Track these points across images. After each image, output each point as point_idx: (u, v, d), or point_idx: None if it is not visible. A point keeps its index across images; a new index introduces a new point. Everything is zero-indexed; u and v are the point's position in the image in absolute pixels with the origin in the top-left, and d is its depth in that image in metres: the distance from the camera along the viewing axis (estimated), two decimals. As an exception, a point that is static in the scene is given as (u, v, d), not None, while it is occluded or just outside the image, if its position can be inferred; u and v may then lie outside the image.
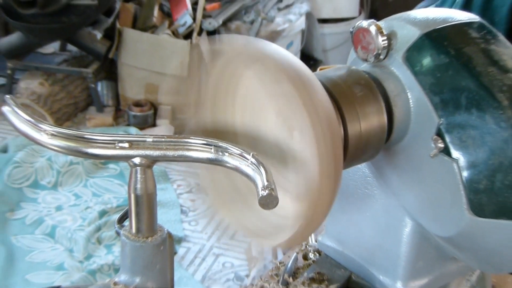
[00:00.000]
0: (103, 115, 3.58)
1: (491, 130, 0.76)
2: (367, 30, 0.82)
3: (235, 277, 2.60)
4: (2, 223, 2.73)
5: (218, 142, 0.67)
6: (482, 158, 0.76)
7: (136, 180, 0.67)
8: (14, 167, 2.96)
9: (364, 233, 0.94)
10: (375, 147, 0.82)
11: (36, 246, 2.64)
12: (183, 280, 2.50)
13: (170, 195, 3.00)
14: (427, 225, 0.85)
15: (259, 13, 3.79)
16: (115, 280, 0.71)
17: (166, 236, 0.71)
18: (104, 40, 3.56)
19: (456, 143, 0.78)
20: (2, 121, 3.43)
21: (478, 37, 0.81)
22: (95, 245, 2.65)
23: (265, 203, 0.62)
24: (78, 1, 3.33)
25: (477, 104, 0.77)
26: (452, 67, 0.78)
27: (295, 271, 1.03)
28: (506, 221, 0.78)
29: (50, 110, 3.48)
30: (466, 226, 0.79)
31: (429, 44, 0.80)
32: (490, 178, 0.76)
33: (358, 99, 0.79)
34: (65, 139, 0.66)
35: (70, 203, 2.91)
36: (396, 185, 0.86)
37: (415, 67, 0.80)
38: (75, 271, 2.48)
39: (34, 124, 0.67)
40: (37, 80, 3.49)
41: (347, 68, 0.84)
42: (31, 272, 2.50)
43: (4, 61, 3.58)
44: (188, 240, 2.79)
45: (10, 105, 0.69)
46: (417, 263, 0.90)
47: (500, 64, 0.79)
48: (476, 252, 0.84)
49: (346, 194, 0.94)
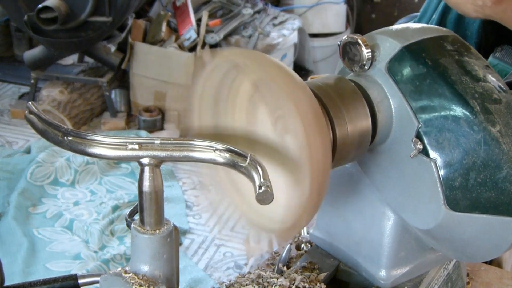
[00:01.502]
0: (116, 120, 3.58)
1: (465, 133, 0.75)
2: (353, 43, 0.81)
3: (235, 266, 2.59)
4: (25, 217, 2.72)
5: (219, 144, 0.66)
6: (457, 158, 0.76)
7: (146, 178, 0.67)
8: (36, 167, 2.96)
9: (351, 226, 0.93)
10: (360, 148, 0.82)
11: (56, 238, 2.64)
12: (187, 268, 2.50)
13: (176, 192, 3.00)
14: (408, 218, 0.84)
15: (256, 29, 3.79)
16: (126, 269, 0.71)
17: (172, 228, 0.70)
18: (117, 53, 3.57)
19: (433, 144, 0.77)
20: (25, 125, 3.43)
21: (452, 49, 0.81)
22: (109, 236, 2.64)
23: (261, 199, 0.62)
24: (95, 18, 3.33)
25: (452, 110, 0.76)
26: (430, 76, 0.78)
27: (289, 260, 1.02)
28: (479, 215, 0.77)
29: (69, 115, 3.48)
30: (443, 219, 0.79)
31: (409, 55, 0.80)
32: (465, 176, 0.76)
33: (345, 105, 0.79)
34: (81, 141, 0.66)
35: (86, 199, 2.91)
36: (380, 182, 0.86)
37: (396, 76, 0.80)
38: (90, 260, 2.48)
39: (54, 127, 0.67)
40: (57, 88, 3.49)
41: (335, 77, 0.84)
42: (51, 261, 2.49)
43: (28, 71, 3.58)
44: (192, 232, 2.78)
45: (32, 110, 0.69)
46: (399, 253, 0.89)
47: (472, 74, 0.78)
48: (452, 243, 0.84)
49: (334, 190, 0.93)
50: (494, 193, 0.75)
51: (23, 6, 3.29)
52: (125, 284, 0.69)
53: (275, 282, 0.91)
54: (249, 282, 0.92)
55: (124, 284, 0.69)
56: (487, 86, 0.78)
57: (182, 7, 3.73)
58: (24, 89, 3.88)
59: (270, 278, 0.92)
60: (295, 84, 0.72)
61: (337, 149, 0.78)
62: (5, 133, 3.50)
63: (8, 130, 3.53)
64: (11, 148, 3.33)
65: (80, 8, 3.27)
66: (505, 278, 1.10)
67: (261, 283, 0.92)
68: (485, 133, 0.75)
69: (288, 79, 0.72)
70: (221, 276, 2.51)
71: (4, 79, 4.03)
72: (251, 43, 3.71)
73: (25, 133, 3.46)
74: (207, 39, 3.63)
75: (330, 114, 0.77)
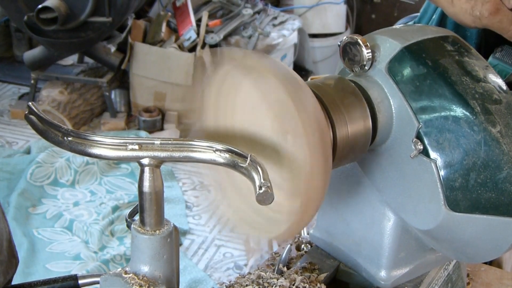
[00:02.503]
0: (116, 120, 3.58)
1: (465, 134, 0.75)
2: (354, 43, 0.81)
3: (235, 266, 2.59)
4: (25, 217, 2.72)
5: (219, 144, 0.66)
6: (457, 159, 0.76)
7: (145, 179, 0.67)
8: (36, 167, 2.96)
9: (351, 226, 0.93)
10: (360, 149, 0.82)
11: (56, 238, 2.64)
12: (187, 268, 2.50)
13: (176, 192, 3.00)
14: (408, 219, 0.84)
15: (256, 29, 3.79)
16: (126, 269, 0.71)
17: (172, 229, 0.70)
18: (117, 53, 3.57)
19: (434, 145, 0.77)
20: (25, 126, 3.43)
21: (452, 50, 0.81)
22: (109, 237, 2.64)
23: (261, 200, 0.62)
24: (95, 19, 3.33)
25: (452, 110, 0.76)
26: (430, 77, 0.78)
27: (289, 261, 1.02)
28: (479, 215, 0.77)
29: (69, 115, 3.48)
30: (443, 220, 0.79)
31: (409, 56, 0.80)
32: (465, 177, 0.76)
33: (346, 105, 0.79)
34: (81, 142, 0.66)
35: (86, 199, 2.91)
36: (380, 183, 0.86)
37: (397, 76, 0.80)
38: (90, 261, 2.48)
39: (54, 128, 0.67)
40: (57, 88, 3.49)
41: (335, 77, 0.84)
42: (51, 262, 2.49)
43: (28, 72, 3.58)
44: (192, 233, 2.78)
45: (32, 111, 0.69)
46: (399, 254, 0.89)
47: (472, 74, 0.78)
48: (452, 244, 0.84)
49: (335, 191, 0.93)
50: (494, 193, 0.75)
51: (23, 6, 3.29)
52: (125, 284, 0.69)
53: (275, 283, 0.91)
54: (249, 282, 0.92)
55: (124, 284, 0.69)
56: (488, 87, 0.78)
57: (182, 8, 3.73)
58: (24, 89, 3.88)
59: (270, 279, 0.92)
60: (295, 84, 0.72)
61: (337, 150, 0.78)
62: (5, 133, 3.50)
63: (8, 131, 3.53)
64: (11, 148, 3.33)
65: (80, 9, 3.27)
66: (505, 279, 1.10)
67: (261, 284, 0.92)
68: (485, 134, 0.75)
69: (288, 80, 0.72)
70: (221, 277, 2.51)
71: (4, 79, 4.03)
72: (251, 43, 3.71)
73: (25, 134, 3.46)
74: (207, 39, 3.63)
75: (330, 114, 0.77)
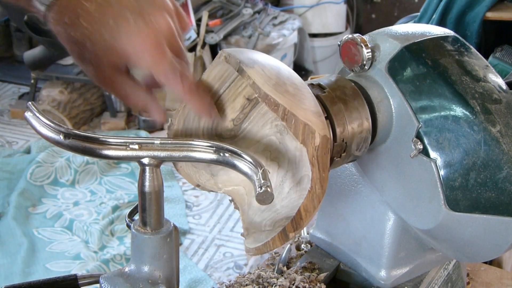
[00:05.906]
0: (116, 120, 3.58)
1: (465, 133, 0.75)
2: (353, 43, 0.81)
3: (235, 266, 2.59)
4: (25, 217, 2.72)
5: (219, 144, 0.66)
6: (457, 158, 0.76)
7: (145, 178, 0.67)
8: (36, 167, 2.96)
9: (351, 226, 0.93)
10: (360, 149, 0.82)
11: (56, 238, 2.64)
12: (187, 268, 2.50)
13: (176, 192, 3.00)
14: (408, 218, 0.84)
15: (256, 29, 3.79)
16: (126, 269, 0.71)
17: (172, 229, 0.70)
18: (117, 53, 3.56)
19: (434, 144, 0.77)
20: (25, 125, 3.44)
21: (452, 49, 0.81)
22: (109, 237, 2.65)
23: (262, 199, 0.62)
24: (94, 18, 3.33)
25: (452, 110, 0.76)
26: (430, 76, 0.78)
27: (289, 260, 1.02)
28: (479, 215, 0.77)
29: (69, 115, 3.48)
30: (443, 219, 0.79)
31: (409, 56, 0.80)
32: (465, 176, 0.76)
33: (345, 105, 0.79)
34: (81, 141, 0.66)
35: (86, 199, 2.91)
36: (380, 182, 0.86)
37: (397, 76, 0.80)
38: (90, 261, 2.48)
39: (53, 128, 0.67)
40: (57, 88, 3.49)
41: (335, 77, 0.84)
42: (51, 261, 2.49)
43: (28, 71, 3.58)
44: (192, 232, 2.78)
45: (32, 110, 0.69)
46: (399, 253, 0.89)
47: (472, 74, 0.78)
48: (452, 243, 0.84)
49: (334, 190, 0.94)
50: (494, 193, 0.75)
51: (23, 6, 3.29)
52: (125, 284, 0.69)
53: (275, 282, 0.91)
54: (249, 282, 0.92)
55: (124, 284, 0.69)
56: (487, 86, 0.78)
57: (182, 7, 3.72)
58: (24, 89, 3.89)
59: (270, 278, 0.92)
60: (294, 84, 0.72)
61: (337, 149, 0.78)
62: (5, 133, 3.51)
63: (8, 130, 3.54)
64: (11, 148, 3.33)
65: (80, 8, 3.27)
66: (505, 278, 1.10)
67: (261, 283, 0.92)
68: (485, 133, 0.75)
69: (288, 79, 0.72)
70: (221, 276, 2.51)
71: (4, 79, 4.03)
72: (251, 43, 3.71)
73: (25, 133, 3.46)
74: (207, 39, 3.63)
75: (330, 114, 0.77)
